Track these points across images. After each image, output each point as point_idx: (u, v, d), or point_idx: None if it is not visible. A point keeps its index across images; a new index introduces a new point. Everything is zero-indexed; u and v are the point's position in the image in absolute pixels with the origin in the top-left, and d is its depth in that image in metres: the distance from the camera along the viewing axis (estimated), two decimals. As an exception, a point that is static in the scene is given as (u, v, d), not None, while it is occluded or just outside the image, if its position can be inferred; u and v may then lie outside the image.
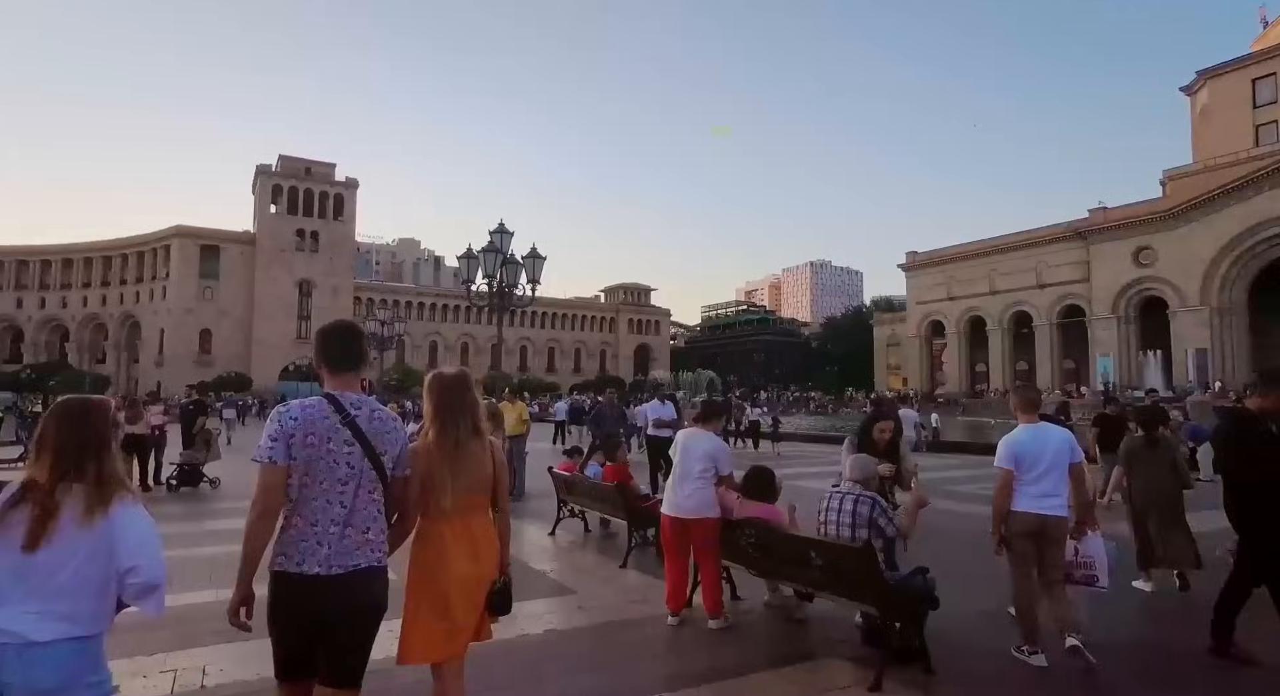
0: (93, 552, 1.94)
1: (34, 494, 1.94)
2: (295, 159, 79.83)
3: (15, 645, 1.85)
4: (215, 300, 74.12)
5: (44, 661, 1.87)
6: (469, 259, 10.75)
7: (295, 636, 2.42)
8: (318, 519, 2.43)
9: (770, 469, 4.87)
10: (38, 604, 1.89)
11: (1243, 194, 46.96)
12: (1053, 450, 4.20)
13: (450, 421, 2.80)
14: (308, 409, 2.50)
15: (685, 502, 4.61)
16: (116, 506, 2.00)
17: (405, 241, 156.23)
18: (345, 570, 2.41)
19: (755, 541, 4.22)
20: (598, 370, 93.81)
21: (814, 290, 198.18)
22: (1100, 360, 54.69)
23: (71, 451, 2.02)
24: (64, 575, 1.91)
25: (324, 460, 2.45)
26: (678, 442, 4.86)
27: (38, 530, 1.89)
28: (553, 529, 7.55)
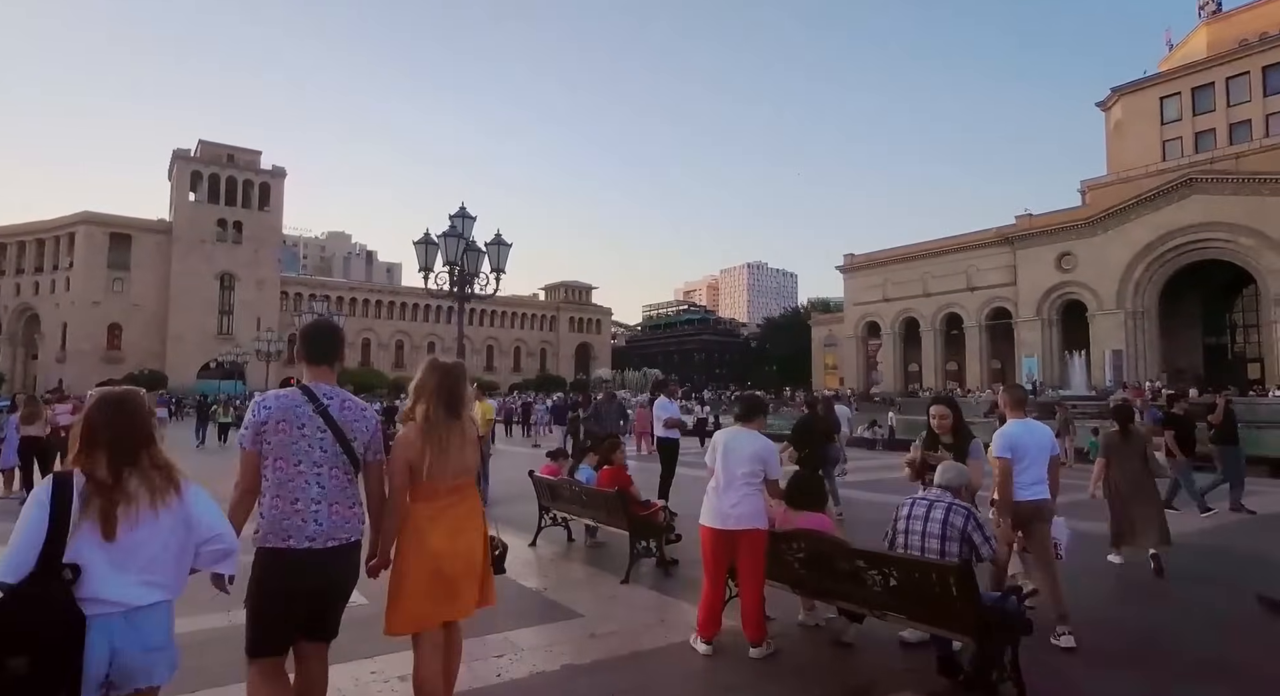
0: (173, 528, 2.21)
1: (100, 487, 2.12)
2: (217, 145, 75.36)
3: (121, 612, 2.08)
4: (126, 292, 69.13)
5: (148, 622, 2.13)
6: (426, 245, 9.85)
7: (281, 607, 2.64)
8: (298, 498, 2.65)
9: (819, 475, 4.31)
10: (134, 575, 2.13)
11: (1154, 204, 49.84)
12: (1038, 443, 4.71)
13: (450, 408, 2.99)
14: (281, 399, 2.76)
15: (733, 512, 4.01)
16: (186, 486, 2.28)
17: (335, 235, 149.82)
18: (337, 542, 2.67)
19: (806, 556, 3.69)
20: (538, 369, 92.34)
21: (750, 291, 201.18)
22: (1026, 361, 57.15)
23: (127, 444, 2.21)
24: (152, 549, 2.16)
25: (297, 444, 2.68)
26: (717, 444, 4.24)
27: (111, 520, 2.10)
28: (534, 539, 6.85)
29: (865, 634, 4.05)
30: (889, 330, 68.61)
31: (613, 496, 5.60)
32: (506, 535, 7.15)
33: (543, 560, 6.44)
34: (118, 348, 68.18)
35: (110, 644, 2.04)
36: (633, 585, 5.40)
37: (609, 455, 6.45)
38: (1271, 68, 54.45)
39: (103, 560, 2.07)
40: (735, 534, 4.01)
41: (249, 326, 69.93)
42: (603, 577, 5.69)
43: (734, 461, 4.08)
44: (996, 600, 3.04)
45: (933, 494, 3.50)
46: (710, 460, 4.23)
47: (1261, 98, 54.78)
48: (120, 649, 2.06)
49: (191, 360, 68.17)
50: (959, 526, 3.26)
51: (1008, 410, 5.01)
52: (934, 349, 65.18)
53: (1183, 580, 5.96)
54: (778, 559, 3.98)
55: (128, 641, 2.07)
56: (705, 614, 4.05)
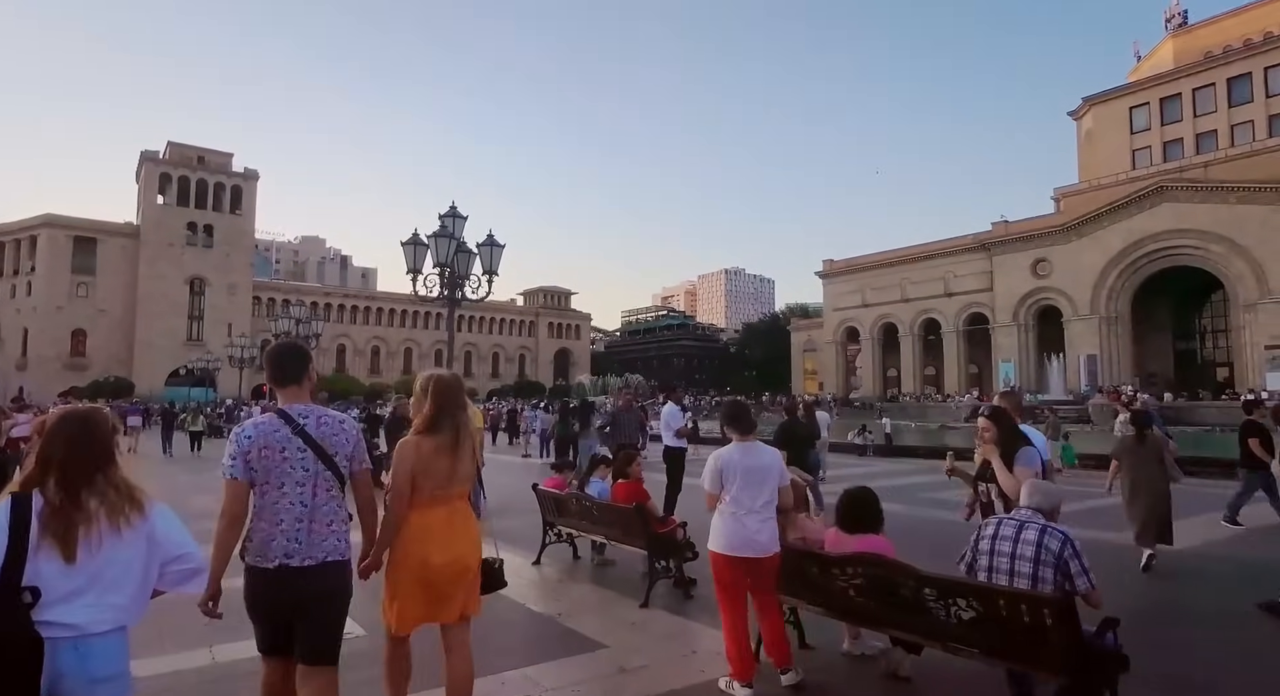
0: (136, 549, 2.12)
1: (57, 509, 2.05)
2: (187, 146, 73.63)
3: (71, 638, 1.97)
4: (91, 297, 67.06)
5: (100, 651, 2.01)
6: (415, 246, 9.40)
7: (272, 620, 2.75)
8: (282, 518, 2.72)
9: (872, 491, 3.95)
10: (92, 597, 2.02)
11: (1127, 211, 50.76)
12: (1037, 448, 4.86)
13: (450, 420, 3.10)
14: (260, 426, 2.80)
15: (757, 537, 3.67)
16: (150, 506, 2.20)
17: (309, 239, 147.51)
18: (315, 561, 2.71)
19: (865, 583, 3.33)
20: (516, 375, 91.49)
21: (728, 297, 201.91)
22: (1003, 365, 57.80)
23: (85, 464, 2.14)
24: (113, 572, 2.07)
25: (280, 467, 2.74)
26: (732, 465, 3.79)
27: (71, 542, 2.02)
28: (538, 557, 6.43)
29: (923, 666, 3.70)
30: (868, 335, 69.03)
31: (630, 513, 5.18)
32: (506, 552, 6.73)
33: (550, 581, 6.04)
34: (82, 354, 66.10)
35: (55, 669, 1.93)
36: (652, 609, 5.01)
37: (624, 468, 5.92)
38: (1236, 79, 55.90)
39: (60, 583, 2.00)
40: (763, 561, 3.71)
41: (220, 332, 68.24)
42: (618, 601, 5.29)
43: (756, 484, 3.72)
44: (1092, 635, 2.73)
45: (1023, 515, 3.18)
46: (718, 482, 3.81)
47: (1227, 109, 56.17)
48: (63, 676, 1.95)
49: (160, 367, 66.29)
50: (1054, 550, 2.93)
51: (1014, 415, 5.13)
52: (912, 354, 65.70)
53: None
54: (826, 585, 3.60)
55: (72, 669, 1.96)
56: (736, 649, 3.66)
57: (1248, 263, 44.89)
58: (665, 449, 8.28)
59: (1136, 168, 57.83)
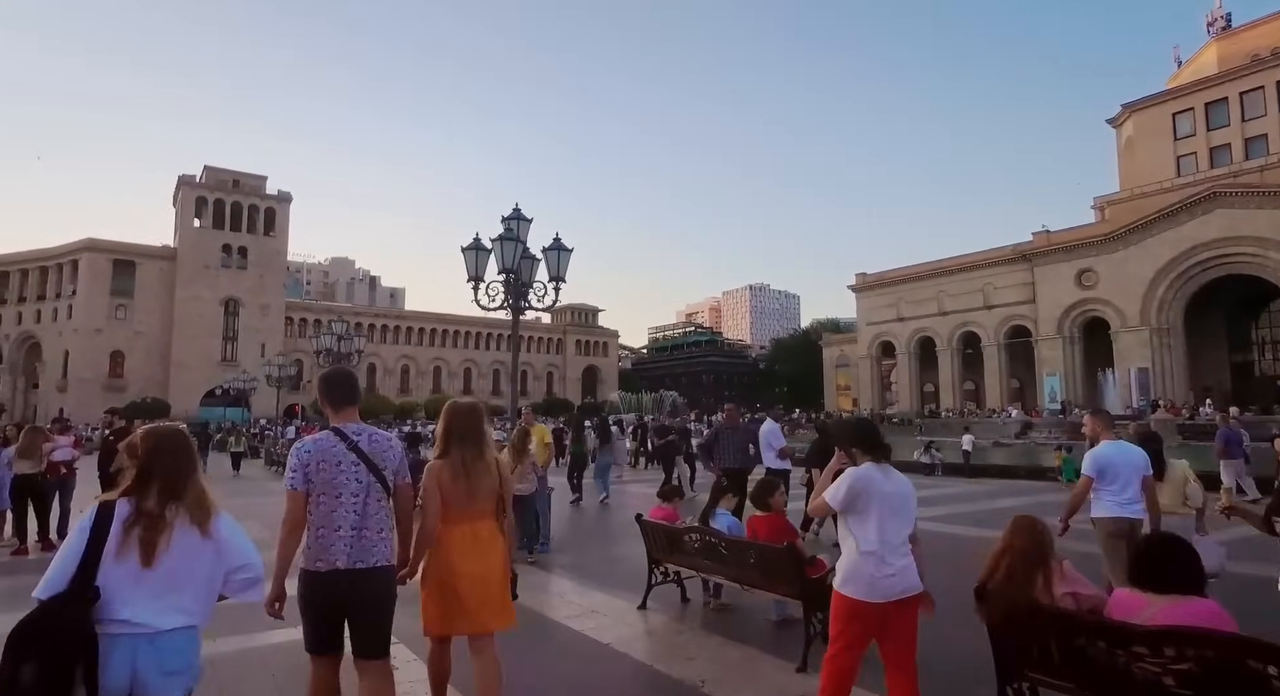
0: (203, 557, 2.31)
1: (146, 517, 2.25)
2: (222, 170, 75.00)
3: (145, 634, 2.18)
4: (129, 319, 68.10)
5: (168, 647, 2.21)
6: (477, 251, 8.69)
7: (325, 619, 2.97)
8: (339, 526, 2.97)
9: (1182, 538, 2.96)
10: (160, 600, 2.22)
11: (1176, 219, 48.97)
12: (1132, 464, 4.93)
13: (460, 444, 3.38)
14: (319, 442, 3.10)
15: (902, 579, 3.12)
16: (219, 518, 2.38)
17: (338, 260, 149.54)
18: (368, 565, 2.97)
19: (1195, 671, 2.34)
20: (545, 392, 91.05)
21: (753, 313, 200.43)
22: (1048, 379, 55.88)
23: (175, 477, 2.35)
24: (181, 577, 2.25)
25: (336, 480, 3.01)
26: (873, 482, 3.23)
27: (152, 548, 2.21)
28: (643, 600, 5.53)
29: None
30: (904, 350, 67.39)
31: (780, 554, 4.22)
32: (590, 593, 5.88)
33: (667, 631, 5.09)
34: (120, 375, 66.97)
35: (132, 663, 2.15)
36: (810, 673, 4.06)
37: (765, 498, 4.92)
38: (1287, 82, 53.95)
39: (133, 585, 2.18)
40: (905, 605, 3.15)
41: (253, 352, 68.81)
42: (763, 660, 4.32)
43: (900, 514, 3.17)
44: None
45: None
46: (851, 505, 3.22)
47: (1277, 112, 54.21)
48: (140, 669, 2.16)
49: (195, 387, 66.91)
50: None
51: (1100, 432, 5.27)
52: (951, 368, 63.93)
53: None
54: (1120, 668, 2.53)
55: (148, 663, 2.17)
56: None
57: (1311, 270, 42.90)
58: (768, 471, 7.37)
59: (1181, 175, 56.00)
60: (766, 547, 4.44)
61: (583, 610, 5.32)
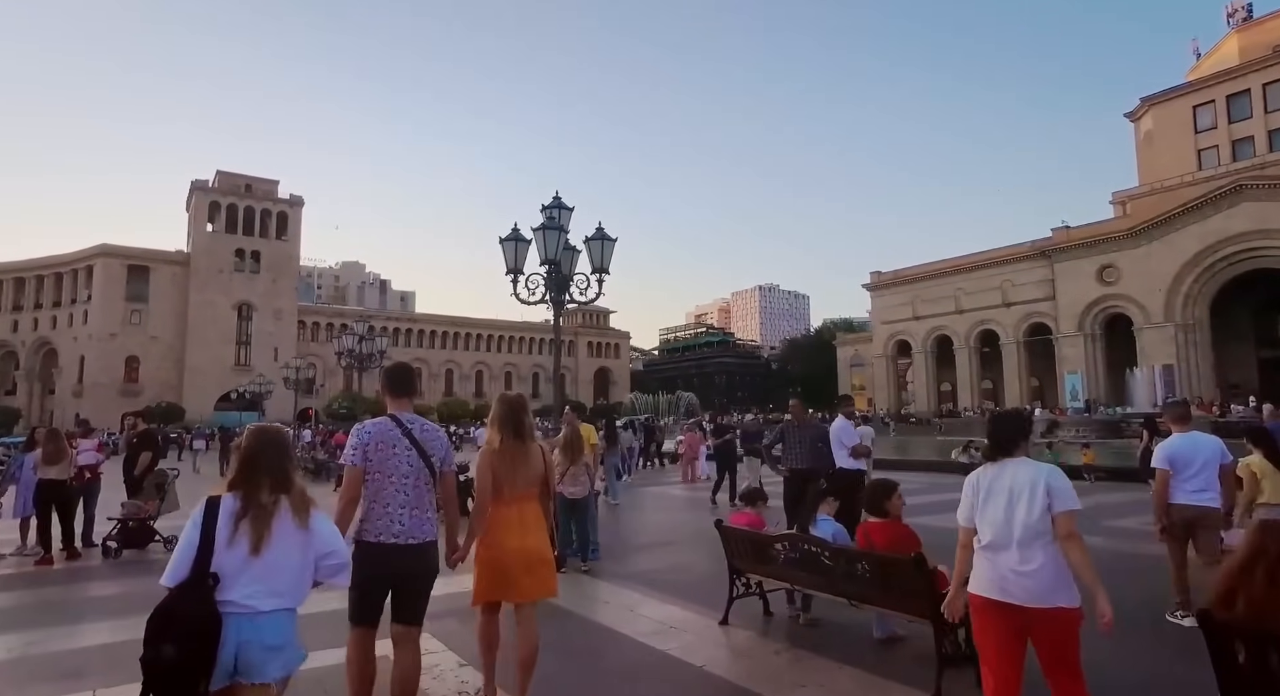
0: (300, 545, 2.54)
1: (257, 509, 2.50)
2: (235, 175, 75.11)
3: (248, 614, 2.41)
4: (143, 324, 68.26)
5: (268, 626, 2.44)
6: (516, 242, 8.26)
7: (373, 587, 3.24)
8: (390, 503, 3.29)
9: None
10: (261, 584, 2.44)
11: (1201, 213, 48.08)
12: (1205, 454, 5.08)
13: (515, 432, 3.72)
14: (378, 424, 3.43)
15: (1025, 580, 2.83)
16: (314, 510, 2.62)
17: (349, 265, 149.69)
18: (416, 541, 3.29)
19: None
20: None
21: (763, 313, 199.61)
22: (1069, 377, 55.01)
23: (282, 473, 2.60)
24: (280, 563, 2.49)
25: (391, 461, 3.33)
26: (978, 485, 3.10)
27: (261, 538, 2.46)
28: (725, 615, 4.98)
29: None
30: (920, 349, 66.60)
31: (905, 566, 3.67)
32: (662, 606, 5.38)
33: (762, 652, 4.51)
34: (135, 380, 67.11)
35: (237, 638, 2.38)
36: (950, 703, 3.57)
37: (880, 502, 4.34)
38: (1311, 72, 52.98)
39: (241, 570, 2.43)
40: (1031, 613, 2.83)
41: (266, 356, 68.84)
42: (889, 689, 3.77)
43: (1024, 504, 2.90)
44: None
45: None
46: (969, 513, 3.11)
47: (1302, 103, 53.24)
48: (243, 643, 2.39)
49: (209, 392, 66.98)
50: None
51: (1173, 425, 5.45)
52: (969, 367, 63.11)
53: None
54: None
55: (250, 640, 2.40)
56: None
57: (1342, 264, 41.91)
58: (839, 471, 6.87)
59: (1203, 168, 55.06)
60: (886, 559, 3.92)
61: (660, 626, 4.85)
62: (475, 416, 65.68)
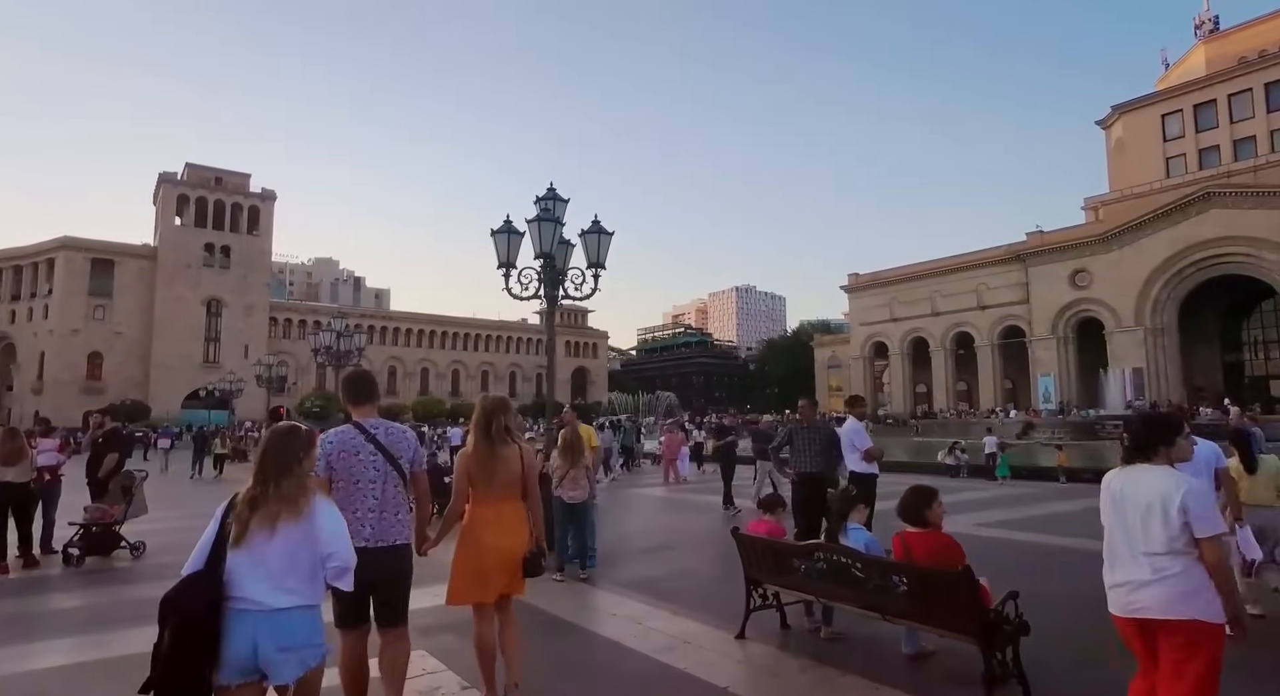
0: (303, 541, 2.52)
1: (240, 506, 2.55)
2: (204, 168, 73.33)
3: (263, 611, 2.41)
4: (107, 320, 66.24)
5: (283, 623, 2.43)
6: (509, 235, 7.90)
7: (350, 592, 3.00)
8: (357, 508, 3.31)
9: None
10: (272, 581, 2.45)
11: (1171, 219, 49.06)
12: (1203, 459, 5.13)
13: (484, 434, 3.75)
14: (340, 434, 3.47)
15: (1154, 591, 2.71)
16: (317, 505, 2.60)
17: (322, 261, 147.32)
18: (386, 544, 3.33)
19: None
20: (534, 394, 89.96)
21: (740, 314, 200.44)
22: (1042, 379, 55.81)
23: (275, 470, 2.59)
24: (288, 560, 2.49)
25: (357, 468, 3.38)
26: (1104, 490, 2.99)
27: (243, 531, 2.49)
28: (742, 628, 4.65)
29: None
30: (897, 350, 67.18)
31: (951, 580, 3.39)
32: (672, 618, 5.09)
33: (788, 671, 4.18)
34: (98, 377, 65.12)
35: (253, 637, 2.37)
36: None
37: (920, 510, 3.96)
38: (1274, 84, 54.33)
39: (250, 566, 2.45)
40: (1158, 626, 2.75)
41: (236, 354, 67.26)
42: None
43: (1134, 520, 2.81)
44: None
45: None
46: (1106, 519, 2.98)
47: (1265, 114, 54.59)
48: (260, 642, 2.38)
49: (175, 389, 65.24)
50: None
51: None
52: (945, 369, 63.79)
53: None
54: None
55: (265, 637, 2.39)
56: None
57: (1305, 270, 42.99)
58: (850, 475, 6.65)
59: (1171, 175, 56.28)
60: (929, 572, 3.60)
61: (673, 640, 4.55)
62: (451, 415, 64.89)
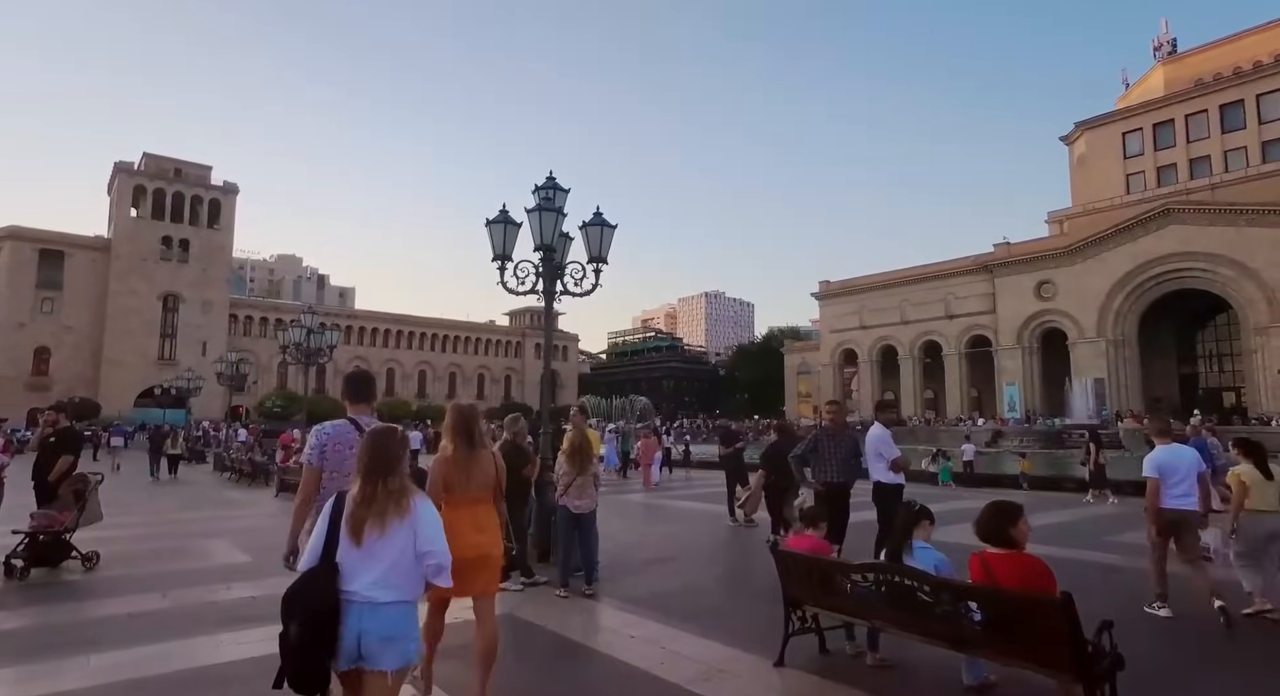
0: (407, 539, 2.65)
1: (353, 505, 2.67)
2: (164, 158, 70.81)
3: (368, 605, 2.56)
4: (56, 313, 63.44)
5: (385, 616, 2.58)
6: (506, 225, 7.41)
7: None
8: None
9: None
10: (376, 577, 2.59)
11: (1132, 234, 50.41)
12: (1187, 464, 5.73)
13: (463, 440, 3.97)
14: (337, 426, 3.72)
15: None
16: (417, 504, 2.71)
17: (285, 258, 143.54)
18: None
19: None
20: (503, 396, 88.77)
21: (708, 320, 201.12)
22: (1007, 388, 56.84)
23: (381, 471, 2.70)
24: (391, 557, 2.62)
25: (347, 462, 3.41)
26: None
27: (359, 531, 2.62)
28: (780, 655, 4.20)
29: None
30: (866, 358, 67.86)
31: (1046, 608, 2.94)
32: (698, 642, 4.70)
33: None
34: (45, 373, 62.26)
35: (359, 627, 2.53)
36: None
37: (1005, 526, 3.47)
38: (1229, 106, 56.36)
39: (358, 562, 2.60)
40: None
41: (194, 351, 64.97)
42: None
43: None
44: None
45: None
46: None
47: (1220, 134, 56.56)
48: (364, 632, 2.54)
49: (129, 386, 62.70)
50: None
51: (1155, 437, 6.10)
52: (913, 376, 64.61)
53: None
54: None
55: (369, 629, 2.54)
56: None
57: (1259, 286, 44.48)
58: (875, 485, 6.35)
59: (1131, 192, 57.98)
60: (1019, 598, 3.15)
61: (705, 668, 4.11)
62: (418, 418, 63.59)
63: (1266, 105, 54.36)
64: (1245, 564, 5.58)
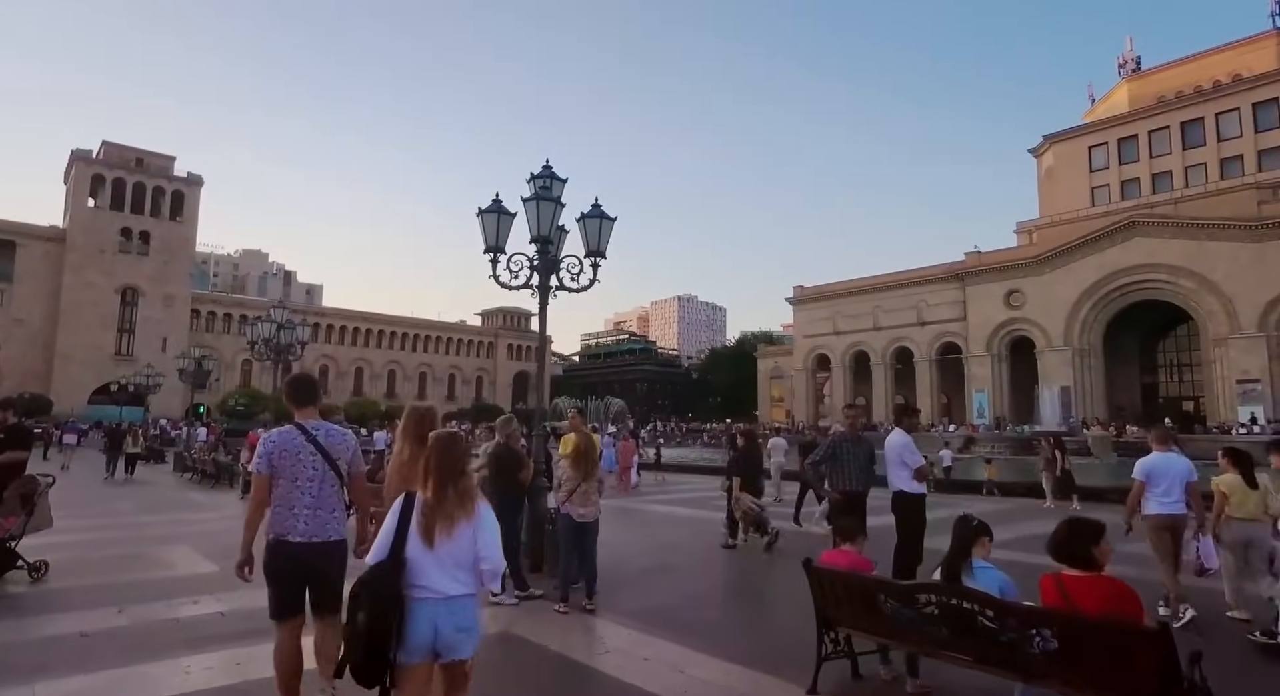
0: (471, 539, 2.83)
1: (425, 506, 2.84)
2: (124, 147, 68.47)
3: (442, 598, 2.74)
4: (6, 305, 60.86)
5: (457, 608, 2.77)
6: (499, 215, 6.99)
7: (284, 583, 3.54)
8: (294, 505, 3.56)
9: None
10: (446, 572, 2.77)
11: (1099, 245, 51.49)
12: (1176, 471, 6.04)
13: (418, 441, 3.87)
14: (283, 434, 3.70)
15: None
16: (480, 509, 2.92)
17: (250, 253, 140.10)
18: (320, 540, 3.57)
19: None
20: (474, 397, 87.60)
21: (680, 323, 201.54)
22: (976, 395, 57.61)
23: (449, 474, 2.89)
24: (458, 554, 2.80)
25: (296, 466, 3.60)
26: None
27: (431, 531, 2.78)
28: (813, 681, 3.83)
29: None
30: (839, 363, 68.29)
31: (1143, 637, 2.67)
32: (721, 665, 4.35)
33: None
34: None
35: (433, 621, 2.70)
36: None
37: (1086, 545, 3.14)
38: (1190, 123, 58.03)
39: (426, 558, 2.75)
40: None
41: (153, 347, 62.85)
42: None
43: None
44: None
45: None
46: None
47: (1181, 150, 58.20)
48: (440, 625, 2.71)
49: (83, 383, 60.36)
50: None
51: (1154, 444, 6.37)
52: (884, 382, 65.18)
53: None
54: None
55: (444, 620, 2.72)
56: None
57: (1218, 298, 45.68)
58: (897, 494, 6.06)
59: (1096, 204, 59.39)
60: (1099, 627, 2.83)
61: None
62: (387, 418, 62.33)
63: (1225, 123, 56.09)
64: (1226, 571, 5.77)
